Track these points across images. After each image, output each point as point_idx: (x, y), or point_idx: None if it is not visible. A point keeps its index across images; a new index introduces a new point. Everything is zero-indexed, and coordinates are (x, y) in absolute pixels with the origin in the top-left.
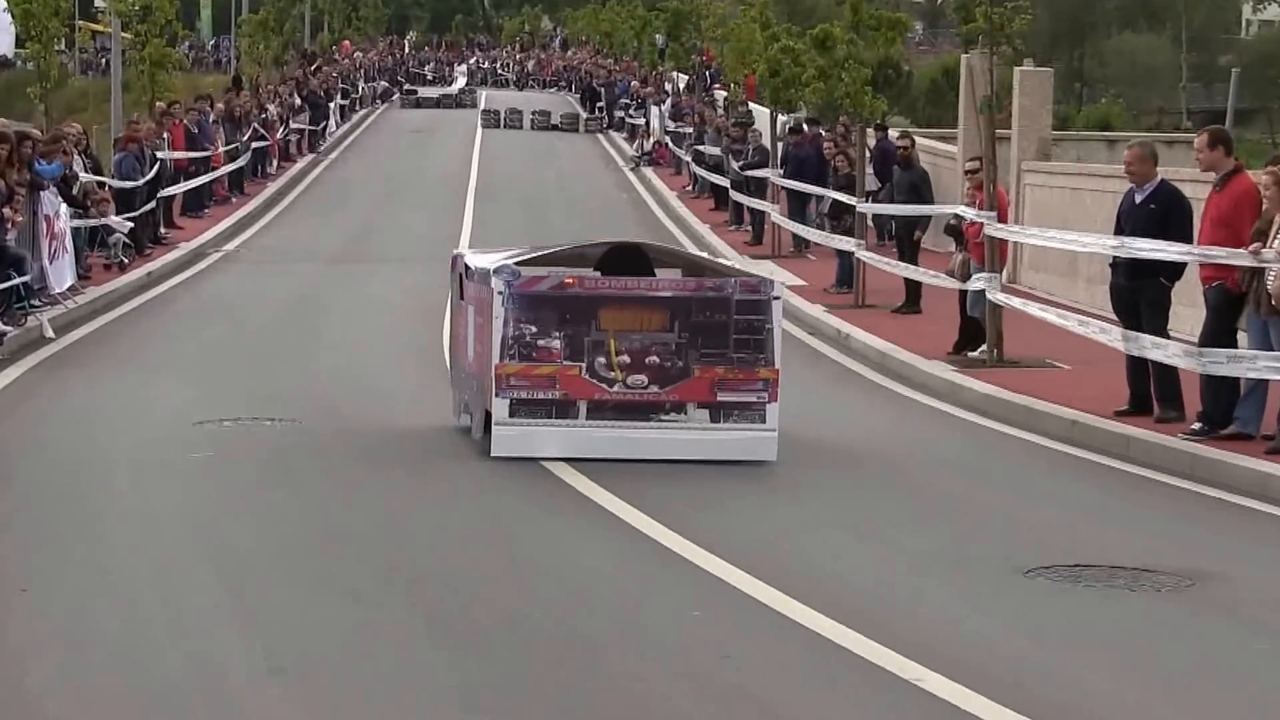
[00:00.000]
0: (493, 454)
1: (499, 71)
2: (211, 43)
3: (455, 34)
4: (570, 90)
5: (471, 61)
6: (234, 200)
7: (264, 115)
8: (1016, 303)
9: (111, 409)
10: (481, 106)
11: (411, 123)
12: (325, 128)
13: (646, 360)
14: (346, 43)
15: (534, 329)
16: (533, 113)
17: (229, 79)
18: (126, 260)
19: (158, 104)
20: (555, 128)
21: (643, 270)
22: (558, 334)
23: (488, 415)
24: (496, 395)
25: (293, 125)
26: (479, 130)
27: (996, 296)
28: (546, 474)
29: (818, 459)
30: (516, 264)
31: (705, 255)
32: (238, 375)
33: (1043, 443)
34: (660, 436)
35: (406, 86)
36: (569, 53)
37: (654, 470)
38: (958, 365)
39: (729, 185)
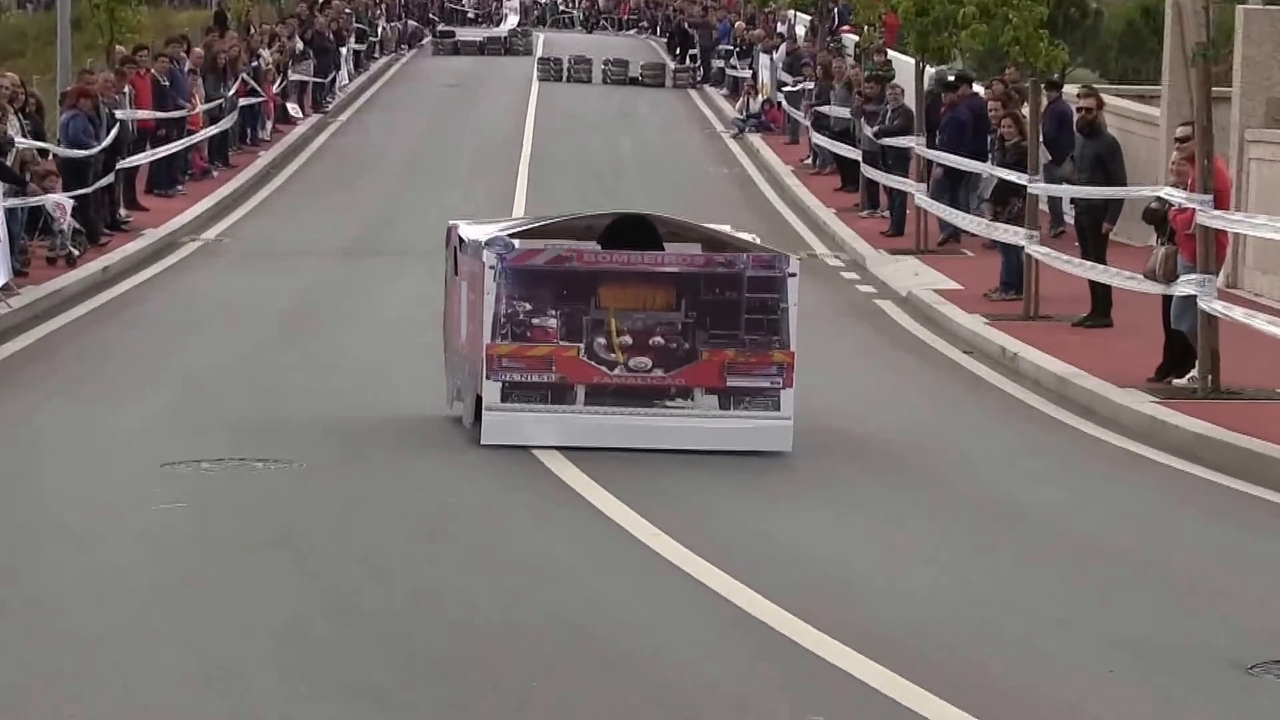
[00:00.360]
0: (482, 442)
1: (561, 8)
2: None
3: None
4: (654, 33)
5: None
6: (216, 174)
7: (256, 64)
8: (1238, 314)
9: (54, 449)
10: (538, 54)
11: (447, 74)
12: (335, 80)
13: (650, 341)
14: None
15: (528, 306)
16: (605, 62)
17: (210, 16)
18: (77, 251)
19: (118, 49)
20: (635, 81)
21: (651, 244)
22: (554, 312)
23: (479, 400)
24: (487, 378)
25: (293, 77)
26: (534, 84)
27: (1212, 305)
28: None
29: (980, 511)
30: (512, 235)
31: (726, 229)
32: (220, 403)
33: (1273, 498)
34: (665, 424)
35: (441, 27)
36: None
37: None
38: (1160, 395)
39: (860, 158)
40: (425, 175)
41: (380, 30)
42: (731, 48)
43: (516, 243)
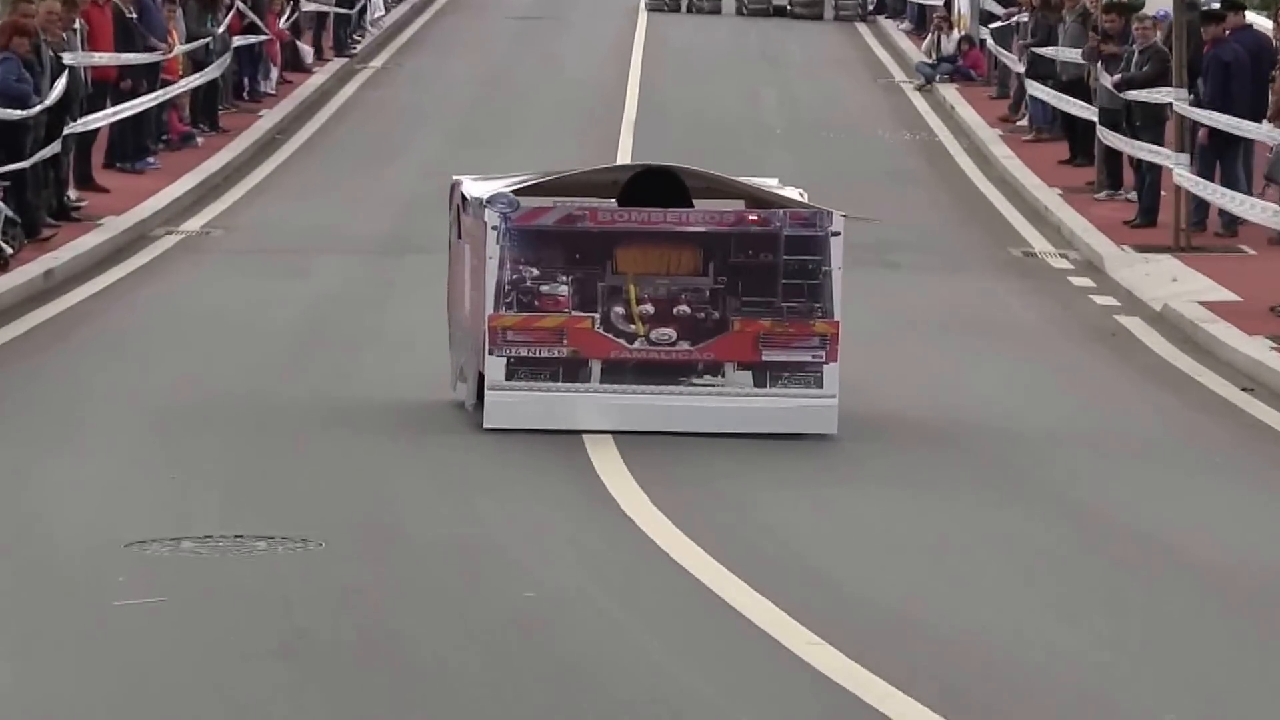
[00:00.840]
0: (485, 425)
1: None
2: None
3: None
4: None
5: None
6: (201, 141)
7: None
8: None
9: None
10: None
11: (515, 3)
12: (364, 9)
13: (675, 310)
14: None
15: (536, 272)
16: None
17: None
18: (10, 249)
19: None
20: (781, 11)
21: (680, 201)
22: (566, 278)
23: (481, 379)
24: (490, 353)
25: (306, 6)
26: (641, 14)
27: None
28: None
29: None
30: (520, 191)
31: (772, 183)
32: (205, 456)
33: None
34: (692, 404)
35: None
36: None
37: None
38: None
39: (1095, 118)
40: (486, 143)
41: None
42: None
43: (521, 200)
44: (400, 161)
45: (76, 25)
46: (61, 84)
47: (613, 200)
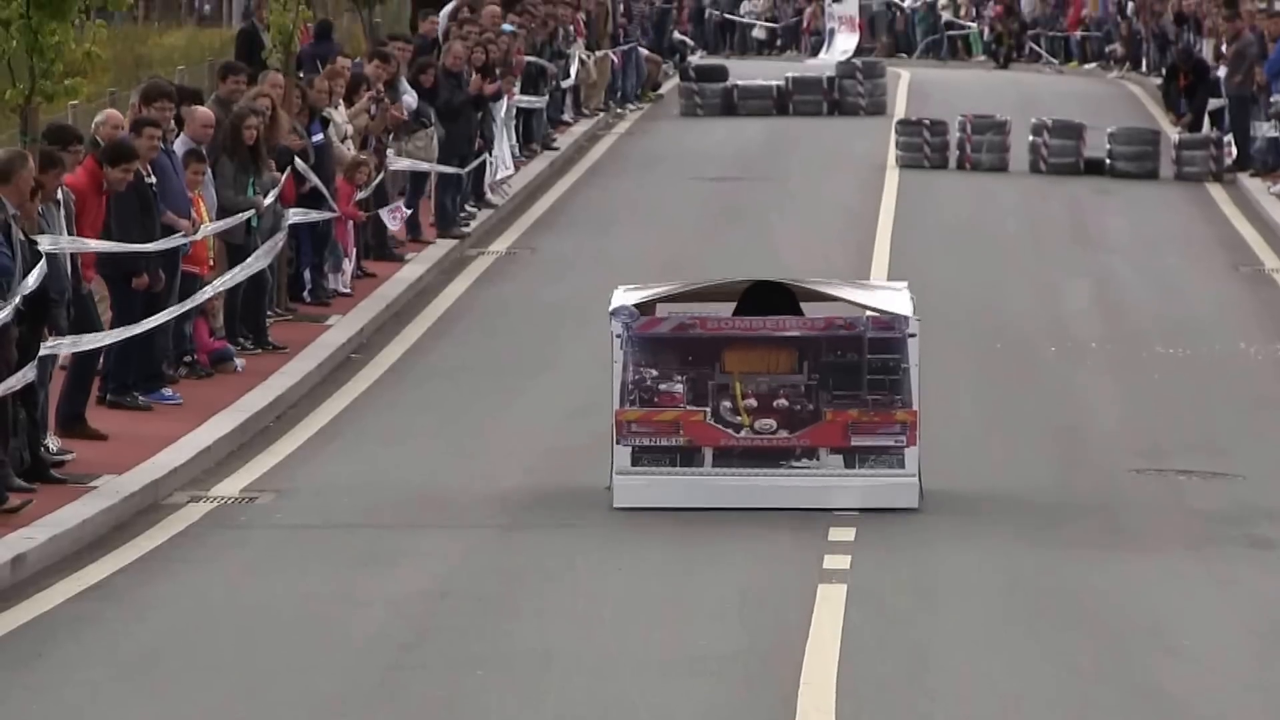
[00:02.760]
0: (614, 505)
1: (943, 19)
2: None
3: None
4: (1136, 67)
5: None
6: (242, 363)
7: (319, 136)
8: None
9: None
10: (897, 110)
11: (711, 155)
12: (480, 166)
13: (775, 403)
14: None
15: (655, 372)
16: (1035, 129)
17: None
18: None
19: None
20: (1098, 168)
21: (787, 309)
22: (680, 377)
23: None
24: (618, 443)
25: (394, 164)
26: (891, 174)
27: None
28: None
29: None
30: (653, 300)
31: (852, 289)
32: None
33: None
34: (792, 484)
35: (696, 58)
36: None
37: None
38: None
39: None
40: None
41: (575, 65)
42: None
43: (641, 311)
44: (534, 392)
45: (59, 196)
46: (35, 277)
47: (716, 309)
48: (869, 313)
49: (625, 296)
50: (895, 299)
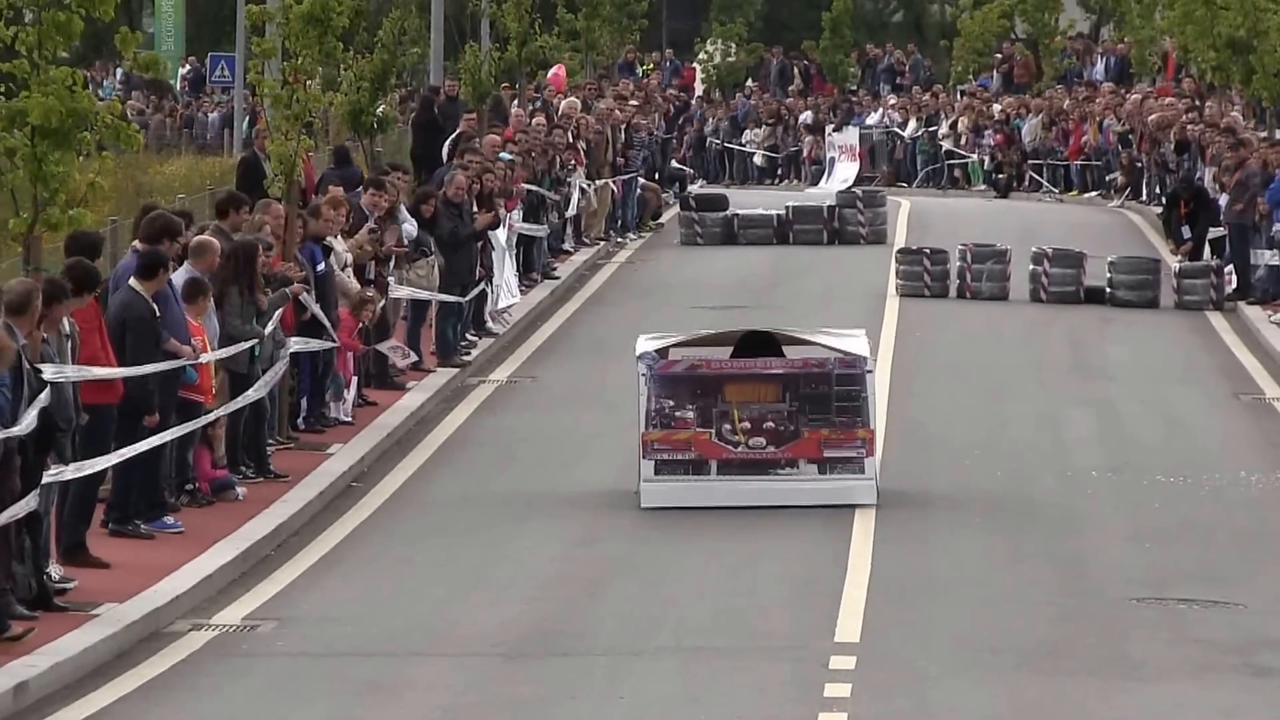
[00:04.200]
0: (641, 505)
1: (955, 146)
2: (183, 72)
3: (833, 53)
4: (1137, 196)
5: (875, 118)
6: (243, 492)
7: (321, 266)
8: None
9: None
10: (897, 239)
11: (712, 285)
12: (486, 297)
13: (764, 425)
14: (559, 72)
15: (671, 403)
16: (1036, 258)
17: (234, 163)
18: None
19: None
20: (1098, 297)
21: (773, 351)
22: (691, 406)
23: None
24: (644, 458)
25: (395, 292)
26: (891, 302)
27: None
28: None
29: None
30: (670, 345)
31: (822, 335)
32: None
33: None
34: (778, 487)
35: (696, 188)
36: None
37: None
38: None
39: None
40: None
41: (576, 194)
42: None
43: (660, 355)
44: (536, 522)
45: (65, 323)
46: (37, 407)
47: (719, 352)
48: (835, 354)
49: (648, 344)
50: (856, 343)
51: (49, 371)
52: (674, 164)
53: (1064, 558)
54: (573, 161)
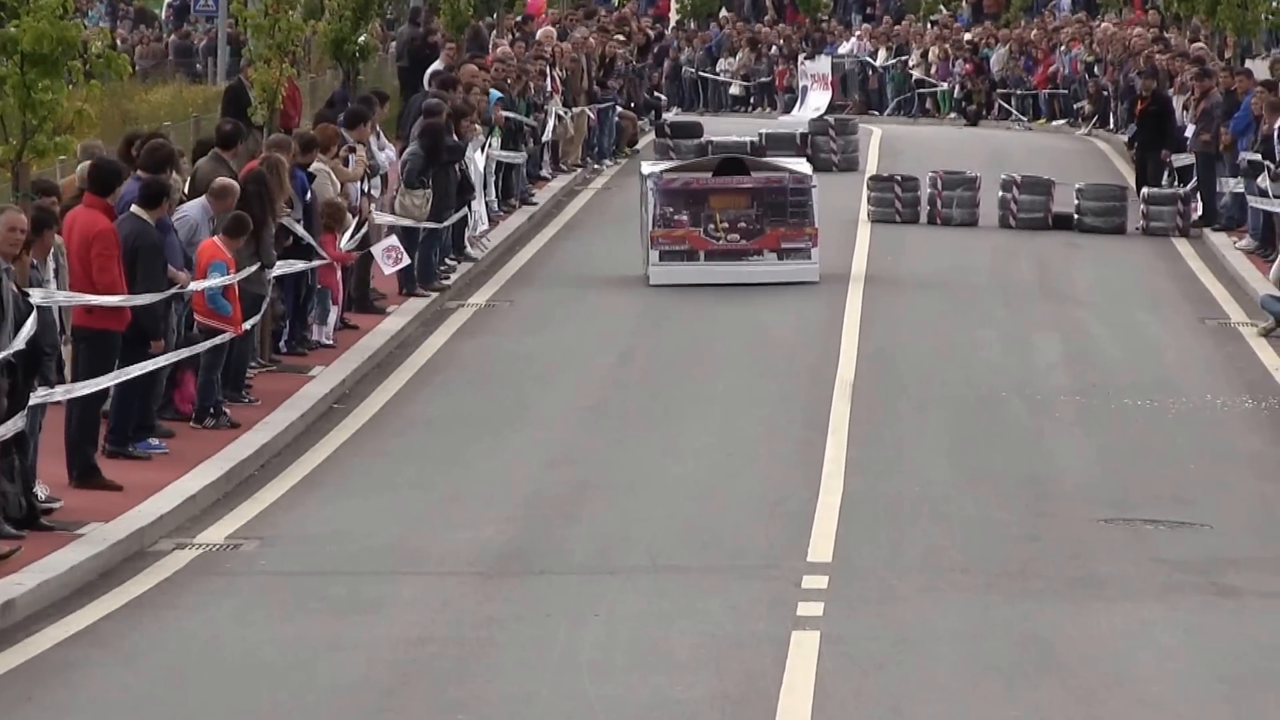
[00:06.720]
0: (650, 283)
1: (926, 75)
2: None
3: None
4: (1105, 124)
5: (846, 48)
6: (226, 413)
7: (308, 195)
8: None
9: None
10: (869, 167)
11: None
12: (461, 221)
13: (738, 225)
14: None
15: (670, 209)
16: (1004, 185)
17: (220, 90)
18: None
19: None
20: (1066, 223)
21: (743, 172)
22: (685, 211)
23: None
24: (650, 248)
25: (378, 218)
26: (863, 229)
27: None
28: None
29: None
30: (667, 169)
31: (782, 162)
32: None
33: None
34: (748, 270)
35: (671, 115)
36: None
37: None
38: None
39: None
40: (636, 413)
41: (552, 120)
42: (1259, 156)
43: (664, 174)
44: (513, 442)
45: (54, 244)
46: (25, 331)
47: (708, 173)
48: (788, 173)
49: (652, 168)
50: (803, 166)
51: (38, 296)
52: (649, 93)
53: (1031, 479)
54: (549, 89)
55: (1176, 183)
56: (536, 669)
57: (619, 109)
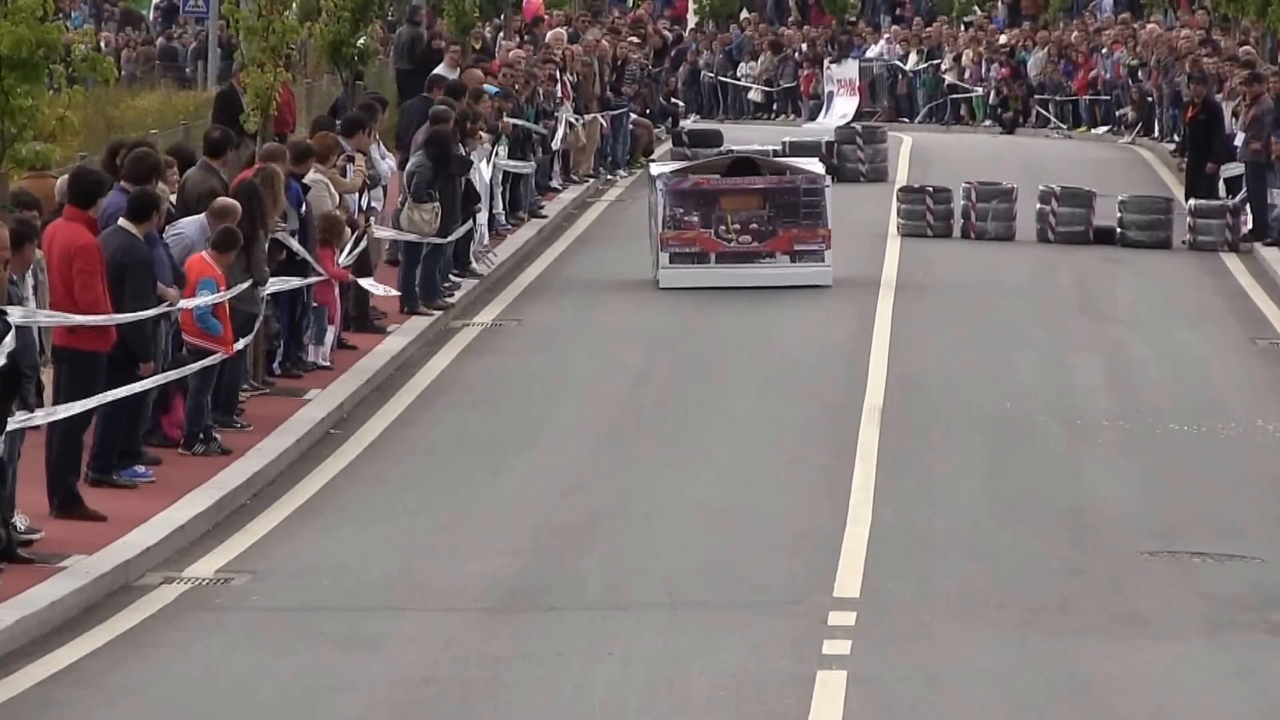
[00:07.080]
0: (660, 286)
1: (959, 79)
2: (156, 2)
3: None
4: (1149, 133)
5: (875, 51)
6: (217, 439)
7: (304, 208)
8: None
9: None
10: (899, 177)
11: None
12: (467, 235)
13: (750, 227)
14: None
15: (681, 210)
16: (1042, 197)
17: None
18: None
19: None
20: (1108, 237)
21: (755, 172)
22: (696, 213)
23: (657, 263)
24: (661, 251)
25: (378, 232)
26: (893, 242)
27: None
28: None
29: None
30: (677, 170)
31: (794, 162)
32: None
33: None
34: (760, 273)
35: (689, 123)
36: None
37: None
38: None
39: None
40: (653, 437)
41: (562, 128)
42: None
43: (673, 175)
44: (521, 468)
45: (35, 257)
46: (5, 349)
47: (717, 174)
48: (802, 174)
49: (660, 169)
50: (816, 166)
51: (16, 315)
52: (665, 98)
53: (1071, 509)
54: (559, 94)
55: (1225, 194)
56: (546, 711)
57: (634, 116)
